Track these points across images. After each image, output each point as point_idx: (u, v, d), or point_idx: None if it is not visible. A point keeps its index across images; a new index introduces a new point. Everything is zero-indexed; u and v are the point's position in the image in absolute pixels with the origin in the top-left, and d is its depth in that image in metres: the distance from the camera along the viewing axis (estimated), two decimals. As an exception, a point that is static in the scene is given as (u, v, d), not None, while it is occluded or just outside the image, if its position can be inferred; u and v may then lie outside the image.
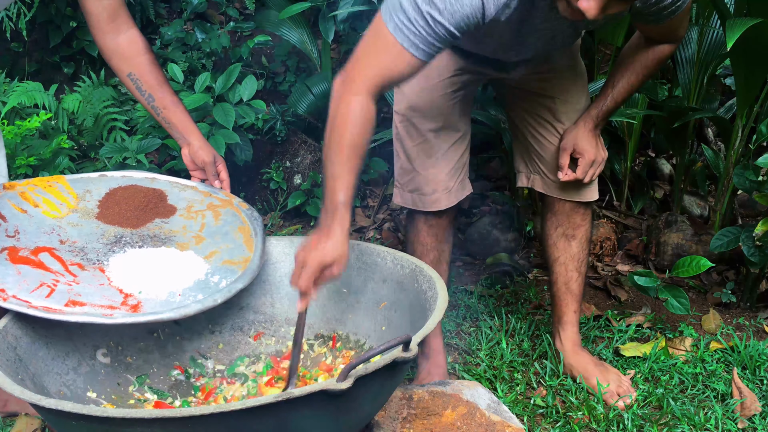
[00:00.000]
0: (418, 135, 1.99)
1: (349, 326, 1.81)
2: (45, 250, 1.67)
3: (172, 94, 1.95)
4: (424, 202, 2.03)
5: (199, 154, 1.96)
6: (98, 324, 1.56)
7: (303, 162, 3.23)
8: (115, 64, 1.93)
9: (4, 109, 2.79)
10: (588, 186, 2.06)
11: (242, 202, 1.96)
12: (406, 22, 1.52)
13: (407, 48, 1.54)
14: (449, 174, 2.01)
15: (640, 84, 1.95)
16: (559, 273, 2.15)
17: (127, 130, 3.14)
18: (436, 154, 2.00)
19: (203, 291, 1.68)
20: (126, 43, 1.90)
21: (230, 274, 1.73)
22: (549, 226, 2.14)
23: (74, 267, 1.65)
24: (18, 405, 1.97)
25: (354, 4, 2.86)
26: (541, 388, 2.16)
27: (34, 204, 1.78)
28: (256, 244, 1.83)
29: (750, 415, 2.03)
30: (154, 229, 1.81)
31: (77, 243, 1.72)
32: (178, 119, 1.94)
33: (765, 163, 2.21)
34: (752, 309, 2.58)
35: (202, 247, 1.79)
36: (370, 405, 1.46)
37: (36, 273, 1.59)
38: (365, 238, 3.10)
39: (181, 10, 3.53)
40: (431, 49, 1.55)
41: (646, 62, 1.90)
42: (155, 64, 1.94)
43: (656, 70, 1.94)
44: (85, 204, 1.83)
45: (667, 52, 1.89)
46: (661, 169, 3.35)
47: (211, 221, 1.87)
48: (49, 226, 1.74)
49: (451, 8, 1.50)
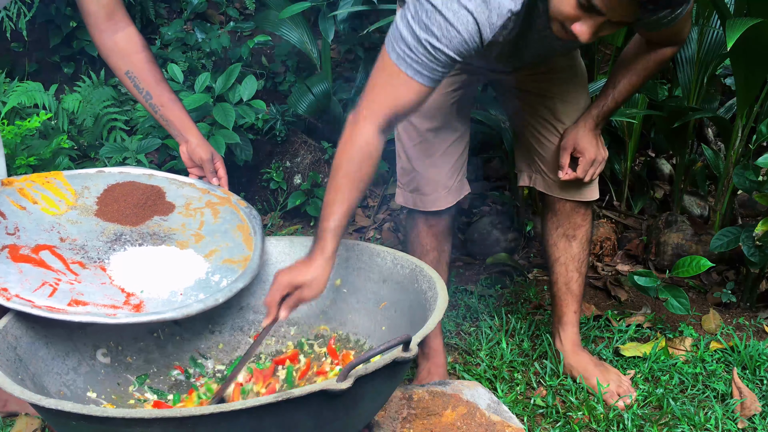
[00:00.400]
0: (417, 135, 2.00)
1: (349, 326, 1.81)
2: (46, 248, 1.66)
3: (170, 91, 1.96)
4: (424, 201, 2.04)
5: (196, 151, 1.96)
6: (102, 324, 1.56)
7: (303, 162, 3.23)
8: (112, 62, 1.93)
9: (4, 109, 2.79)
10: (588, 185, 2.06)
11: (240, 200, 1.96)
12: (408, 51, 1.54)
13: (412, 76, 1.56)
14: (448, 173, 2.02)
15: (641, 84, 1.95)
16: (560, 273, 2.15)
17: (127, 130, 3.14)
18: (435, 153, 2.00)
19: (204, 290, 1.68)
20: (123, 40, 1.90)
21: (231, 273, 1.73)
22: (549, 226, 2.14)
23: (75, 265, 1.65)
24: (18, 405, 1.97)
25: (354, 4, 2.86)
26: (541, 388, 2.16)
27: (33, 201, 1.78)
28: (256, 242, 1.83)
29: (750, 415, 2.04)
30: (154, 227, 1.81)
31: (77, 241, 1.72)
32: (175, 116, 1.95)
33: (765, 163, 2.21)
34: (752, 309, 2.58)
35: (202, 245, 1.79)
36: (370, 405, 1.46)
37: (38, 272, 1.59)
38: (365, 238, 3.10)
39: (181, 10, 3.53)
40: (435, 74, 1.57)
41: (647, 63, 1.90)
42: (153, 61, 1.94)
43: (658, 71, 1.95)
44: (83, 201, 1.83)
45: (669, 53, 1.89)
46: (661, 169, 3.35)
47: (210, 219, 1.87)
48: (48, 223, 1.73)
49: (448, 35, 1.51)
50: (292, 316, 1.86)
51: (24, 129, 2.54)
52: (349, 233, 3.15)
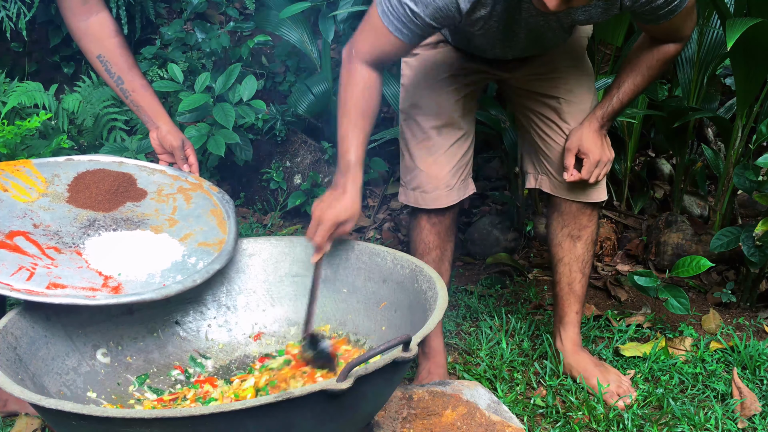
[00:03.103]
0: (421, 132, 2.00)
1: (349, 326, 1.81)
2: (20, 234, 1.67)
3: (142, 77, 1.96)
4: (425, 199, 2.04)
5: (167, 138, 1.97)
6: (82, 306, 1.56)
7: (303, 162, 3.23)
8: (84, 45, 1.93)
9: (4, 109, 2.79)
10: (595, 186, 2.06)
11: (212, 186, 1.98)
12: (390, 8, 1.65)
13: (392, 32, 1.68)
14: (451, 172, 2.02)
15: (645, 84, 1.94)
16: (563, 273, 2.15)
17: (126, 130, 3.14)
18: (438, 151, 2.01)
19: (181, 272, 1.69)
20: (96, 24, 1.91)
21: (206, 256, 1.75)
22: (555, 226, 2.14)
23: (51, 250, 1.65)
24: (18, 405, 1.97)
25: (354, 4, 2.86)
26: (541, 388, 2.16)
27: (3, 188, 1.77)
28: (230, 226, 1.85)
29: (750, 415, 2.04)
30: (127, 213, 1.82)
31: (51, 227, 1.72)
32: (146, 103, 1.95)
33: (765, 163, 2.21)
34: (752, 309, 2.58)
35: (176, 229, 1.80)
36: (370, 405, 1.46)
37: (13, 257, 1.59)
38: (365, 238, 3.10)
39: (181, 10, 3.53)
40: (413, 34, 1.68)
41: (650, 62, 1.89)
42: (125, 47, 1.95)
43: (662, 71, 1.93)
44: (54, 188, 1.83)
45: (672, 51, 1.87)
46: (661, 169, 3.35)
47: (182, 204, 1.88)
48: (20, 210, 1.73)
49: (425, 0, 1.61)
50: (291, 316, 1.87)
51: (24, 129, 2.54)
52: (349, 233, 3.15)
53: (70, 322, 1.63)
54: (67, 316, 1.62)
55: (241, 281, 1.89)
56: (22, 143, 2.64)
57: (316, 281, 1.78)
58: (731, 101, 2.90)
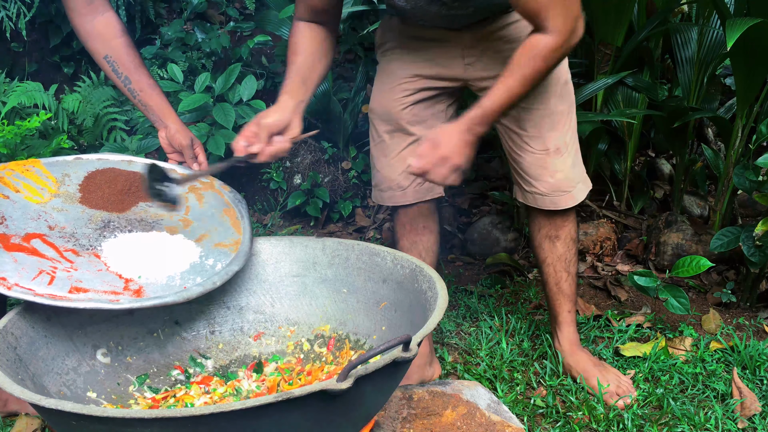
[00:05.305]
0: (377, 135, 2.08)
1: (349, 326, 1.81)
2: (36, 236, 1.64)
3: (149, 77, 1.96)
4: (382, 197, 2.12)
5: (176, 137, 1.96)
6: (106, 310, 1.55)
7: (303, 162, 3.23)
8: (91, 46, 1.93)
9: (4, 109, 2.79)
10: (564, 194, 2.04)
11: (224, 185, 1.96)
12: None
13: None
14: (402, 175, 2.05)
15: (521, 87, 1.70)
16: (549, 274, 2.16)
17: (127, 130, 3.14)
18: (390, 154, 2.06)
19: (200, 274, 1.68)
20: (102, 24, 1.91)
21: (224, 257, 1.74)
22: (533, 228, 2.15)
23: (69, 253, 1.63)
24: (18, 405, 1.97)
25: (354, 4, 2.86)
26: (541, 388, 2.16)
27: (15, 189, 1.75)
28: (244, 226, 1.84)
29: (750, 415, 2.04)
30: (140, 213, 1.80)
31: (66, 228, 1.70)
32: (154, 102, 1.95)
33: (765, 163, 2.21)
34: (752, 309, 2.58)
35: (191, 230, 1.79)
36: (370, 405, 1.46)
37: (32, 260, 1.57)
38: (365, 238, 3.10)
39: (181, 10, 3.53)
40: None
41: (520, 60, 1.68)
42: (132, 46, 1.94)
43: (538, 72, 1.69)
44: (65, 188, 1.81)
45: (541, 46, 1.65)
46: (661, 169, 3.35)
47: (195, 204, 1.87)
48: (34, 211, 1.71)
49: None
50: (291, 316, 1.86)
51: (24, 129, 2.54)
52: (349, 233, 3.15)
53: (70, 322, 1.62)
54: (67, 316, 1.61)
55: (240, 281, 1.89)
56: (22, 143, 2.65)
57: (232, 163, 1.73)
58: (731, 101, 2.90)
